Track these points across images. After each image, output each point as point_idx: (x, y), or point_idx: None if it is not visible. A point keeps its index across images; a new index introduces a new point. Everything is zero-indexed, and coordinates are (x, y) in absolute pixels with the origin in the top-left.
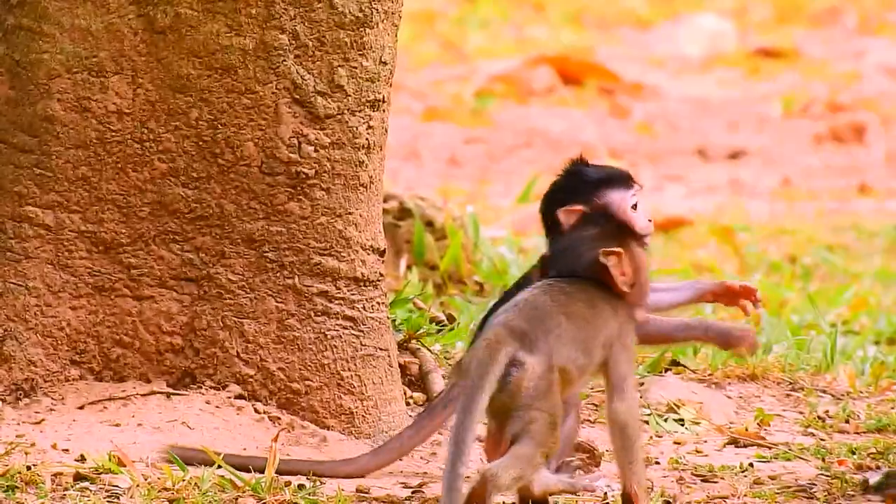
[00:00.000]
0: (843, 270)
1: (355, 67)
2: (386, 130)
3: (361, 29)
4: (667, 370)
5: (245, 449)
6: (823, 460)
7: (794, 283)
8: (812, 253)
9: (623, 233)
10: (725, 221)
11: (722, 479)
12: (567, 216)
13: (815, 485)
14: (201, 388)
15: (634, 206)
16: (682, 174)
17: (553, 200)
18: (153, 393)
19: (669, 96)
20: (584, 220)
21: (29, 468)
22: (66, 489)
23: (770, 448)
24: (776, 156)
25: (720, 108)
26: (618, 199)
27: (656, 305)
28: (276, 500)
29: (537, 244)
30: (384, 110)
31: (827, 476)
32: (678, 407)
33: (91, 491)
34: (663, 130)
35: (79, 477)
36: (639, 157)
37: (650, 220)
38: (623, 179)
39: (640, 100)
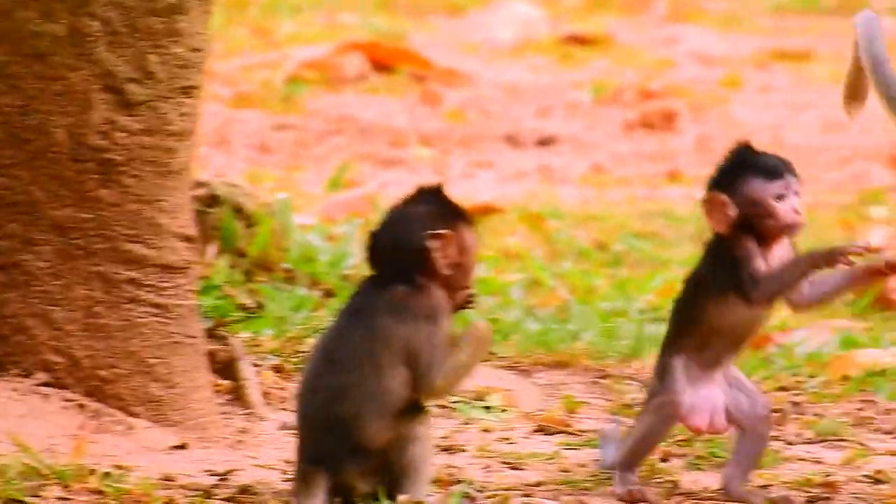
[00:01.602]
0: (653, 257)
1: (167, 54)
2: (198, 118)
3: (174, 16)
4: None
5: (51, 437)
6: None
7: (604, 269)
8: (622, 240)
9: (454, 213)
10: (535, 208)
11: (530, 466)
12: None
13: None
14: (7, 375)
15: (780, 198)
16: (492, 161)
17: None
18: None
19: (481, 83)
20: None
21: None
22: None
23: (578, 435)
24: (587, 142)
25: (531, 94)
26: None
27: (817, 297)
28: (81, 488)
29: (347, 231)
30: (196, 97)
31: None
32: (486, 394)
33: None
34: (474, 117)
35: None
36: (450, 144)
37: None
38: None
39: (451, 86)
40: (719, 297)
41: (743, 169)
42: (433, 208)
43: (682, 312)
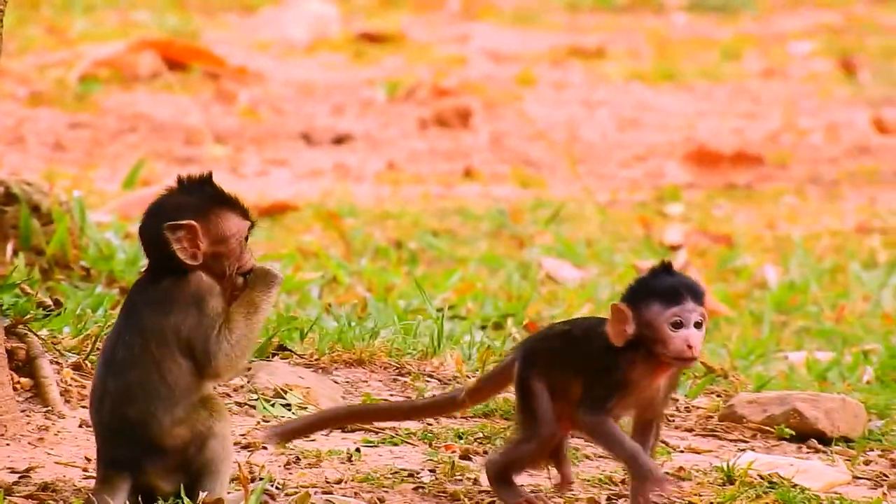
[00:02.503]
0: (449, 255)
1: None
2: None
3: None
4: (274, 355)
5: None
6: (431, 445)
7: (401, 267)
8: (418, 237)
9: (213, 202)
10: (331, 206)
11: (330, 464)
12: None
13: (423, 470)
14: None
15: (677, 326)
16: (287, 158)
17: None
18: None
19: (274, 80)
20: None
21: None
22: None
23: (377, 433)
24: (381, 140)
25: (325, 92)
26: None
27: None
28: None
29: None
30: None
31: (434, 461)
32: (285, 392)
33: None
34: (268, 115)
35: None
36: (244, 142)
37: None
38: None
39: (245, 84)
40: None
41: (649, 289)
42: (185, 198)
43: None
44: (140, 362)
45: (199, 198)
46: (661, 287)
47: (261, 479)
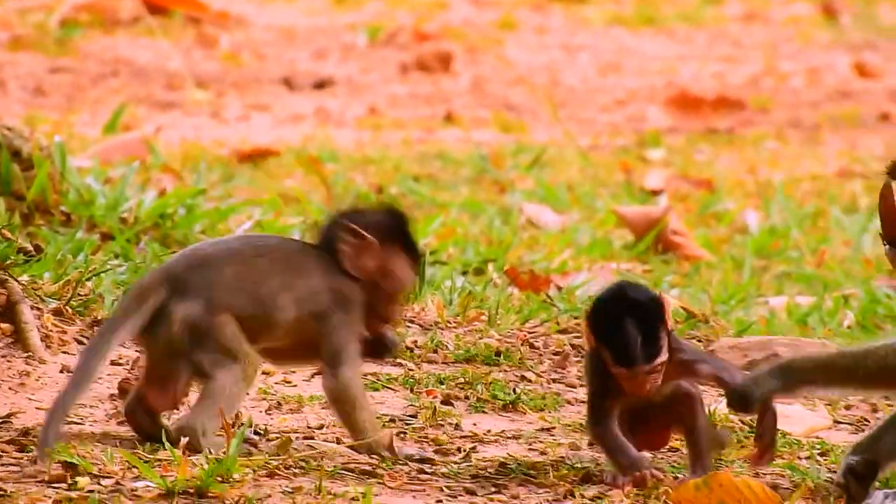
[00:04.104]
0: (431, 200)
1: None
2: None
3: None
4: None
5: None
6: (412, 390)
7: None
8: (399, 182)
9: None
10: (312, 151)
11: (311, 409)
12: None
13: (405, 415)
14: None
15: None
16: (268, 103)
17: None
18: None
19: (256, 25)
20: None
21: None
22: None
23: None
24: (362, 85)
25: (306, 37)
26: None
27: None
28: None
29: (124, 174)
30: None
31: (416, 406)
32: None
33: None
34: (249, 59)
35: None
36: (225, 87)
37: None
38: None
39: (226, 29)
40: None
41: (604, 337)
42: (386, 220)
43: None
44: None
45: (389, 224)
46: (615, 343)
47: (242, 424)
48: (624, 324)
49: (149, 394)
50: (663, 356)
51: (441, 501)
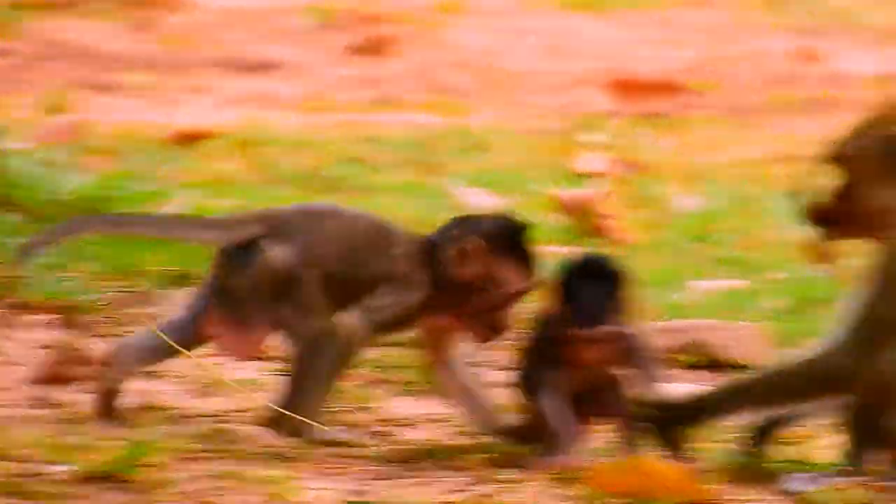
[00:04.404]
0: (368, 183)
1: None
2: None
3: None
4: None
5: None
6: None
7: (319, 195)
8: (337, 165)
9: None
10: (251, 133)
11: (234, 393)
12: None
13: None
14: None
15: None
16: (210, 86)
17: None
18: None
19: (198, 7)
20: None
21: None
22: None
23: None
24: (305, 67)
25: (251, 19)
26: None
27: None
28: None
29: (62, 157)
30: None
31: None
32: None
33: None
34: (192, 42)
35: None
36: (167, 69)
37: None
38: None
39: (169, 10)
40: None
41: (568, 294)
42: (501, 229)
43: None
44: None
45: (500, 232)
46: (581, 302)
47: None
48: (594, 286)
49: (225, 340)
50: (623, 327)
51: (360, 484)
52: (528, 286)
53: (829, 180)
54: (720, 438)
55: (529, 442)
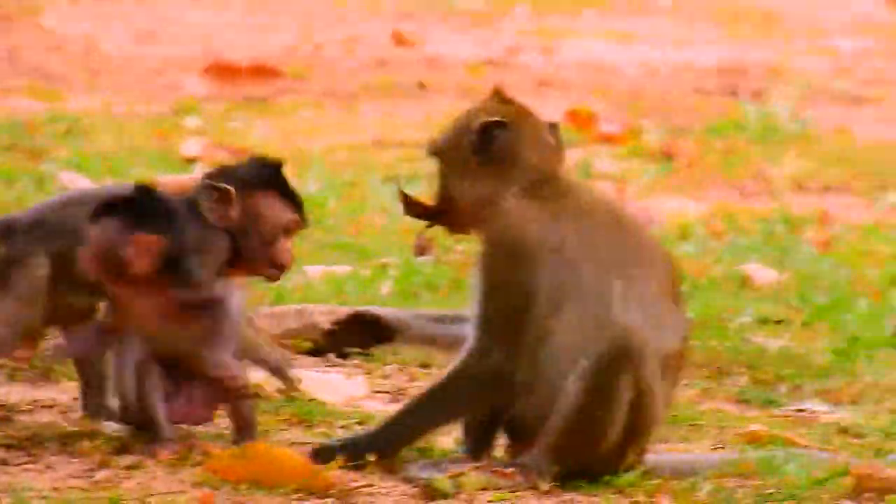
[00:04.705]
0: None
1: None
2: None
3: None
4: None
5: None
6: None
7: None
8: None
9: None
10: None
11: None
12: None
13: None
14: None
15: None
16: None
17: None
18: None
19: None
20: None
21: None
22: None
23: None
24: None
25: None
26: None
27: None
28: None
29: None
30: None
31: None
32: None
33: None
34: None
35: None
36: None
37: None
38: None
39: None
40: None
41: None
42: (242, 171)
43: None
44: None
45: (252, 174)
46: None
47: None
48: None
49: None
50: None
51: None
52: (294, 218)
53: (431, 172)
54: (338, 424)
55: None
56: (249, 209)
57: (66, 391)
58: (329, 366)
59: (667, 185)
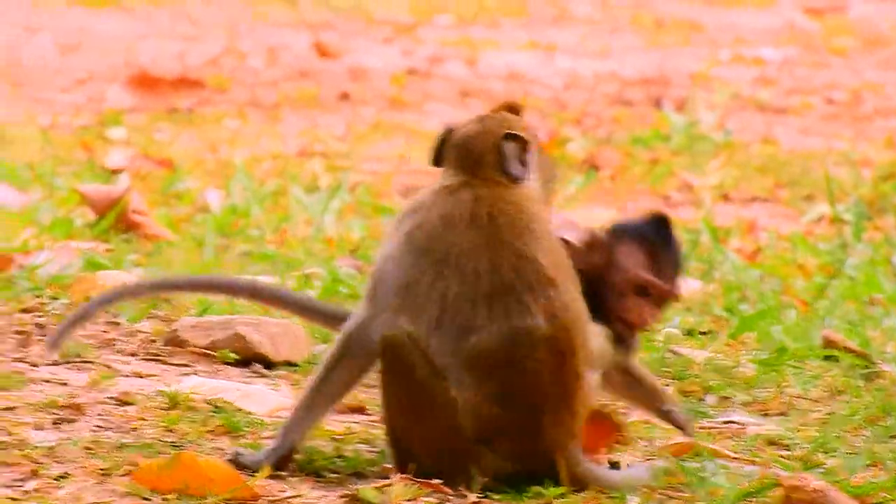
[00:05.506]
0: None
1: None
2: None
3: None
4: None
5: None
6: None
7: None
8: None
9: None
10: None
11: None
12: None
13: None
14: None
15: None
16: None
17: None
18: None
19: None
20: None
21: None
22: None
23: None
24: None
25: None
26: None
27: None
28: None
29: None
30: None
31: None
32: None
33: None
34: None
35: None
36: None
37: None
38: None
39: None
40: None
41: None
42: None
43: None
44: None
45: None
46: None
47: None
48: None
49: None
50: None
51: None
52: (648, 279)
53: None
54: (264, 435)
55: None
56: (610, 255)
57: None
58: (254, 376)
59: (591, 196)
